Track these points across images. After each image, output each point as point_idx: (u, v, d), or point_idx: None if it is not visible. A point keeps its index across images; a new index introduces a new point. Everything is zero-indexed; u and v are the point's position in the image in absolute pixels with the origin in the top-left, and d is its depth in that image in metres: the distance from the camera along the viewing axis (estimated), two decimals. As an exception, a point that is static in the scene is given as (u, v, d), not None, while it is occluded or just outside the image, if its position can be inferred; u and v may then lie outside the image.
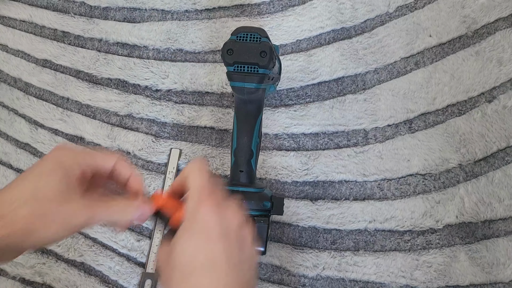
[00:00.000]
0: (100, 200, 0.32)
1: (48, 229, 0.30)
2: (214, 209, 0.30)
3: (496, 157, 0.58)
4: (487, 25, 0.62)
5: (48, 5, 0.77)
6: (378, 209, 0.58)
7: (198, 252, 0.28)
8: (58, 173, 0.31)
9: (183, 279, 0.28)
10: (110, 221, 0.33)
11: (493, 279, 0.54)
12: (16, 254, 0.31)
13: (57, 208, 0.30)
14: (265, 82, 0.48)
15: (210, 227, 0.29)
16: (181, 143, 0.66)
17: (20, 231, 0.29)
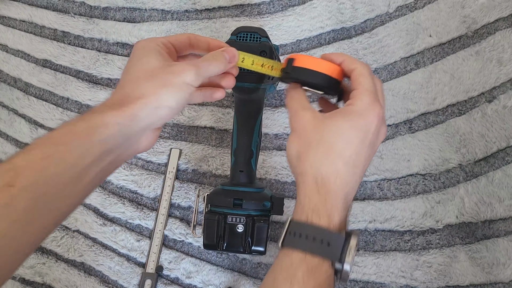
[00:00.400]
0: (199, 59, 0.36)
1: (167, 90, 0.32)
2: (379, 120, 0.33)
3: (496, 157, 0.58)
4: (487, 25, 0.62)
5: (48, 5, 0.77)
6: (378, 209, 0.58)
7: (350, 145, 0.32)
8: (153, 53, 0.34)
9: (326, 156, 0.31)
10: (211, 74, 0.36)
11: (493, 279, 0.54)
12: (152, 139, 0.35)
13: (168, 71, 0.33)
14: (265, 82, 0.48)
15: (371, 132, 0.32)
16: (181, 143, 0.66)
17: (152, 101, 0.32)
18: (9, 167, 0.28)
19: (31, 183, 0.27)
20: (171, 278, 0.60)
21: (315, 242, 0.29)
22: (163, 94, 0.32)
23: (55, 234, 0.64)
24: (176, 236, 0.61)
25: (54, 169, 0.28)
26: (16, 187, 0.27)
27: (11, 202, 0.27)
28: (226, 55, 0.37)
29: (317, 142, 0.32)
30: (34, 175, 0.28)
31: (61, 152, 0.29)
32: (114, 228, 0.63)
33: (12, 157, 0.28)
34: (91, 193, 0.33)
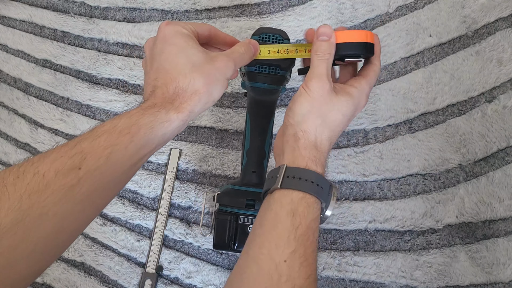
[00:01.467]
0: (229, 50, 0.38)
1: (216, 88, 0.35)
2: (362, 107, 0.40)
3: (496, 157, 0.58)
4: (487, 25, 0.62)
5: (48, 5, 0.77)
6: (378, 209, 0.58)
7: (346, 122, 0.38)
8: (193, 43, 0.36)
9: (329, 127, 0.37)
10: (241, 65, 0.39)
11: (493, 279, 0.54)
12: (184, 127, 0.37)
13: (214, 66, 0.35)
14: (284, 83, 0.48)
15: (355, 113, 0.39)
16: (181, 143, 0.66)
17: (204, 98, 0.35)
18: (77, 151, 0.29)
19: (95, 168, 0.29)
20: (171, 278, 0.60)
21: (313, 184, 0.34)
22: (212, 90, 0.35)
23: (55, 234, 0.64)
24: (176, 236, 0.61)
25: (116, 157, 0.31)
26: (82, 170, 0.29)
27: (77, 184, 0.29)
28: (252, 49, 0.40)
29: (327, 113, 0.37)
30: (98, 160, 0.30)
31: (125, 142, 0.31)
32: (114, 228, 0.63)
33: (79, 140, 0.30)
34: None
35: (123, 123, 0.32)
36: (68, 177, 0.28)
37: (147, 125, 0.32)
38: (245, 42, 0.40)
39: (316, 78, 0.37)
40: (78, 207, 0.29)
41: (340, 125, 0.38)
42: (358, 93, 0.38)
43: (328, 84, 0.37)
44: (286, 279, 0.30)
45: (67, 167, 0.28)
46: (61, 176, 0.28)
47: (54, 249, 0.30)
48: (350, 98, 0.38)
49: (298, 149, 0.36)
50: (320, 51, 0.38)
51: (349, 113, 0.38)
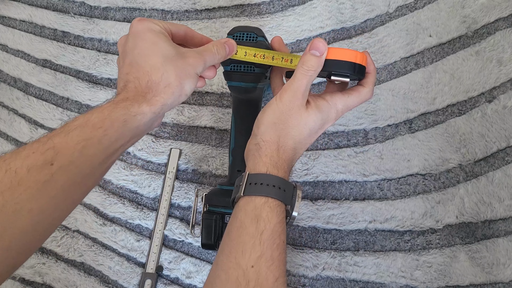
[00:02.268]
0: (201, 48, 0.39)
1: (187, 81, 0.36)
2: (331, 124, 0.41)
3: (496, 157, 0.58)
4: (487, 25, 0.62)
5: (48, 5, 0.77)
6: (378, 209, 0.58)
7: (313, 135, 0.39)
8: (165, 38, 0.37)
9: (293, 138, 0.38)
10: (212, 64, 0.40)
11: (493, 279, 0.54)
12: (161, 120, 0.39)
13: (186, 61, 0.36)
14: (262, 81, 0.48)
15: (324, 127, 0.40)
16: (181, 143, 0.66)
17: (177, 90, 0.35)
18: (49, 146, 0.29)
19: (69, 163, 0.30)
20: (171, 278, 0.60)
21: (275, 188, 0.35)
22: (184, 84, 0.36)
23: (55, 234, 0.64)
24: (176, 236, 0.61)
25: (90, 151, 0.31)
26: (55, 165, 0.29)
27: (51, 179, 0.29)
28: (227, 48, 0.41)
29: (293, 126, 0.38)
30: (72, 155, 0.30)
31: (98, 136, 0.31)
32: (114, 228, 0.63)
33: (51, 136, 0.30)
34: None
35: (95, 117, 0.32)
36: (41, 173, 0.29)
37: (119, 118, 0.33)
38: (220, 41, 0.41)
39: (292, 92, 0.37)
40: (53, 202, 0.30)
41: (306, 138, 0.39)
42: (327, 107, 0.39)
43: (301, 100, 0.37)
44: (254, 284, 0.31)
45: (39, 163, 0.29)
46: (34, 172, 0.28)
47: (30, 244, 0.30)
48: (318, 112, 0.38)
49: (259, 156, 0.37)
50: (306, 65, 0.37)
51: (316, 127, 0.39)
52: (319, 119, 0.38)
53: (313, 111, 0.38)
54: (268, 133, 0.37)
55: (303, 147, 0.39)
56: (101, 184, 0.66)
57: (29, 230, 0.29)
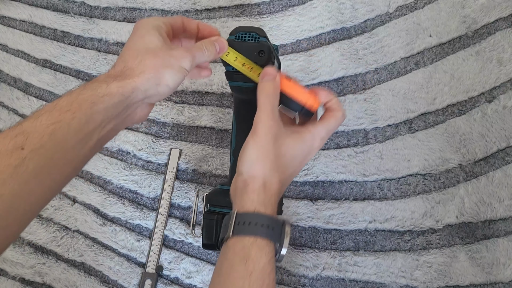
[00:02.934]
0: (191, 45, 0.39)
1: (169, 72, 0.36)
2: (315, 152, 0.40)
3: (496, 157, 0.58)
4: (487, 25, 0.62)
5: (48, 5, 0.77)
6: (378, 209, 0.58)
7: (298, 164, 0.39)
8: (154, 32, 0.37)
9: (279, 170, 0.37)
10: (202, 62, 0.40)
11: (493, 279, 0.54)
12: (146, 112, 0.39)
13: (169, 53, 0.36)
14: None
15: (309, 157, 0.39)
16: (181, 143, 0.66)
17: (153, 77, 0.35)
18: (18, 131, 0.30)
19: (39, 147, 0.30)
20: (171, 278, 0.60)
21: (263, 227, 0.34)
22: (163, 73, 0.36)
23: (55, 234, 0.64)
24: (176, 236, 0.61)
25: (60, 134, 0.31)
26: (26, 150, 0.29)
27: (22, 163, 0.29)
28: (217, 46, 0.41)
29: (277, 157, 0.37)
30: (42, 139, 0.30)
31: (68, 119, 0.31)
32: (114, 228, 0.63)
33: (21, 122, 0.30)
34: (91, 159, 0.37)
35: (63, 101, 0.32)
36: (12, 157, 0.29)
37: (87, 100, 0.32)
38: (211, 39, 0.41)
39: (263, 122, 0.37)
40: (26, 187, 0.30)
41: (292, 167, 0.38)
42: (311, 137, 0.39)
43: (275, 127, 0.37)
44: None
45: (10, 147, 0.29)
46: (4, 157, 0.29)
47: (4, 231, 0.30)
48: (302, 142, 0.38)
49: (246, 193, 0.36)
50: (265, 91, 0.38)
51: (301, 157, 0.38)
52: (302, 149, 0.38)
53: (295, 141, 0.38)
54: (254, 169, 0.37)
55: (290, 178, 0.39)
56: (101, 184, 0.66)
57: (2, 215, 0.29)
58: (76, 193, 0.66)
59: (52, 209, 0.66)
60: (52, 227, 0.65)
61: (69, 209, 0.65)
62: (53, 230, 0.64)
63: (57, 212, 0.65)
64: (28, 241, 0.64)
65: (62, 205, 0.66)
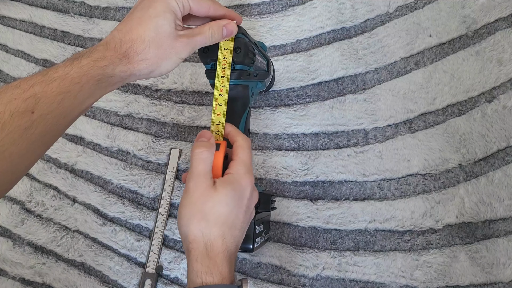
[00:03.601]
0: (196, 30, 0.39)
1: (166, 63, 0.37)
2: (252, 186, 0.39)
3: (496, 157, 0.58)
4: (487, 25, 0.62)
5: (48, 5, 0.77)
6: (378, 209, 0.58)
7: (232, 211, 0.37)
8: (170, 16, 0.37)
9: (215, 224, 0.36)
10: (203, 45, 0.40)
11: (493, 279, 0.54)
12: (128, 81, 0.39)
13: (173, 45, 0.37)
14: (244, 78, 0.47)
15: (246, 198, 0.38)
16: (181, 143, 0.66)
17: (150, 66, 0.36)
18: (30, 94, 0.31)
19: (48, 112, 0.32)
20: (171, 278, 0.60)
21: None
22: (162, 63, 0.37)
23: (55, 234, 0.64)
24: (176, 236, 0.61)
25: (68, 104, 0.33)
26: (36, 114, 0.31)
27: (31, 126, 0.31)
28: (225, 31, 0.41)
29: (210, 210, 0.36)
30: (51, 105, 0.32)
31: (75, 91, 0.33)
32: (114, 228, 0.63)
33: (32, 84, 0.32)
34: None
35: (74, 72, 0.33)
36: (23, 119, 0.30)
37: (95, 77, 0.34)
38: (219, 23, 0.40)
39: (193, 179, 0.37)
40: (31, 147, 0.32)
41: (229, 216, 0.37)
42: (234, 178, 0.38)
43: (206, 182, 0.37)
44: None
45: (21, 109, 0.30)
46: (16, 118, 0.30)
47: (6, 187, 0.32)
48: (229, 185, 0.37)
49: (191, 264, 0.36)
50: (198, 149, 0.38)
51: (235, 201, 0.37)
52: (231, 191, 0.37)
53: (223, 188, 0.37)
54: (190, 230, 0.36)
55: (234, 229, 0.37)
56: (101, 184, 0.66)
57: (8, 172, 0.31)
58: (76, 193, 0.66)
59: (52, 209, 0.66)
60: (52, 227, 0.65)
61: (69, 209, 0.65)
62: (53, 230, 0.64)
63: (57, 212, 0.65)
64: (28, 241, 0.64)
65: (62, 205, 0.66)
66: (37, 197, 0.67)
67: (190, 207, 0.36)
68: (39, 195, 0.67)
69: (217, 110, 0.43)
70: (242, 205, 0.38)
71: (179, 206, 0.37)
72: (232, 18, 0.42)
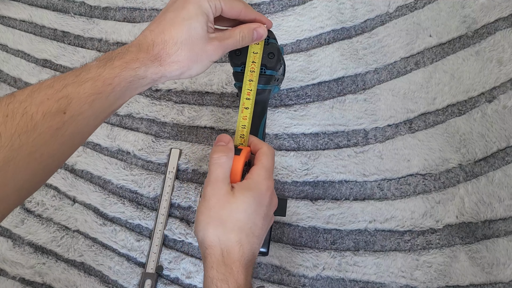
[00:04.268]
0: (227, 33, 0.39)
1: (197, 66, 0.37)
2: (272, 192, 0.39)
3: (496, 157, 0.58)
4: (487, 25, 0.62)
5: (48, 5, 0.77)
6: (378, 209, 0.58)
7: (250, 217, 0.37)
8: (203, 18, 0.37)
9: (232, 231, 0.36)
10: (233, 48, 0.40)
11: (493, 279, 0.54)
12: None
13: (204, 48, 0.37)
14: (272, 83, 0.48)
15: (265, 205, 0.38)
16: (181, 143, 0.66)
17: (181, 68, 0.36)
18: (63, 95, 0.31)
19: (79, 113, 0.32)
20: (171, 278, 0.60)
21: None
22: (193, 66, 0.37)
23: (55, 234, 0.64)
24: (176, 236, 0.61)
25: (99, 105, 0.33)
26: (67, 114, 0.31)
27: (62, 127, 0.31)
28: (255, 34, 0.41)
29: (227, 216, 0.36)
30: (82, 107, 0.32)
31: (107, 92, 0.33)
32: (114, 228, 0.63)
33: (65, 84, 0.32)
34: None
35: (107, 73, 0.33)
36: (55, 120, 0.30)
37: (127, 79, 0.34)
38: (250, 26, 0.41)
39: (211, 184, 0.37)
40: (62, 148, 0.32)
41: (247, 223, 0.36)
42: (254, 183, 0.38)
43: (223, 188, 0.37)
44: None
45: (53, 110, 0.30)
46: (48, 118, 0.30)
47: (36, 186, 0.32)
48: (247, 191, 0.37)
49: (207, 271, 0.35)
50: (216, 155, 0.38)
51: (253, 207, 0.37)
52: (250, 197, 0.36)
53: (241, 193, 0.36)
54: (207, 236, 0.36)
55: (252, 236, 0.37)
56: (101, 184, 0.66)
57: (39, 173, 0.31)
58: (76, 193, 0.66)
59: (52, 209, 0.66)
60: (52, 227, 0.65)
61: (69, 209, 0.65)
62: (53, 230, 0.64)
63: (57, 212, 0.65)
64: (28, 241, 0.64)
65: (62, 205, 0.66)
66: (37, 197, 0.67)
67: (207, 213, 0.36)
68: (39, 195, 0.67)
69: (243, 113, 0.43)
70: (260, 212, 0.37)
71: (197, 211, 0.37)
72: (262, 22, 0.42)
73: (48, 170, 0.32)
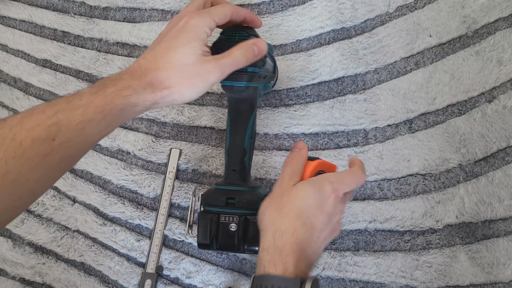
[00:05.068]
0: (225, 53, 0.39)
1: (189, 91, 0.37)
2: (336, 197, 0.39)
3: (496, 157, 0.58)
4: (487, 25, 0.62)
5: (48, 5, 0.77)
6: (378, 209, 0.58)
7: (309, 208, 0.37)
8: (197, 43, 0.37)
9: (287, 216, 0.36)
10: (234, 70, 0.40)
11: (493, 279, 0.54)
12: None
13: (199, 72, 0.37)
14: (255, 80, 0.47)
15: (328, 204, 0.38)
16: (181, 143, 0.66)
17: (173, 94, 0.36)
18: (54, 121, 0.31)
19: (68, 140, 0.32)
20: (171, 278, 0.60)
21: None
22: (185, 92, 0.37)
23: (55, 234, 0.64)
24: (176, 236, 0.61)
25: (89, 132, 0.33)
26: (56, 141, 0.31)
27: (50, 153, 0.31)
28: (255, 49, 0.41)
29: (286, 203, 0.38)
30: (72, 133, 0.32)
31: (98, 119, 0.34)
32: (114, 228, 0.63)
33: (57, 110, 0.32)
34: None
35: (99, 101, 0.34)
36: (43, 146, 0.31)
37: (118, 106, 0.35)
38: (248, 43, 0.40)
39: (279, 181, 0.40)
40: (49, 173, 0.32)
41: (304, 212, 0.37)
42: (318, 180, 0.39)
43: (289, 183, 0.39)
44: None
45: (43, 136, 0.31)
46: (36, 145, 0.30)
47: (20, 210, 0.33)
48: (309, 184, 0.39)
49: (260, 252, 0.37)
50: (288, 158, 0.42)
51: (313, 199, 0.37)
52: (312, 189, 0.38)
53: (301, 183, 0.39)
54: (264, 220, 0.38)
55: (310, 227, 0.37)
56: (101, 184, 0.66)
57: (23, 197, 0.31)
58: (76, 193, 0.66)
59: (52, 209, 0.66)
60: (52, 227, 0.65)
61: (69, 209, 0.65)
62: (53, 230, 0.64)
63: (57, 212, 0.65)
64: (28, 241, 0.64)
65: (62, 205, 0.66)
66: (37, 197, 0.67)
67: (268, 201, 0.39)
68: (39, 195, 0.67)
69: None
70: (322, 209, 0.38)
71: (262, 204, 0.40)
72: (252, 19, 0.43)
73: (33, 194, 0.33)
